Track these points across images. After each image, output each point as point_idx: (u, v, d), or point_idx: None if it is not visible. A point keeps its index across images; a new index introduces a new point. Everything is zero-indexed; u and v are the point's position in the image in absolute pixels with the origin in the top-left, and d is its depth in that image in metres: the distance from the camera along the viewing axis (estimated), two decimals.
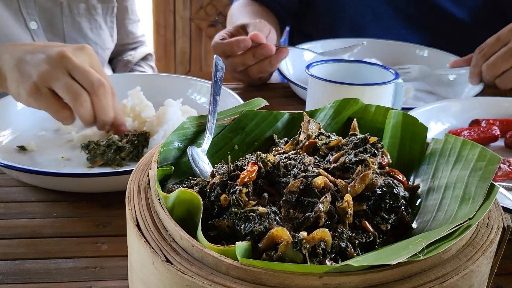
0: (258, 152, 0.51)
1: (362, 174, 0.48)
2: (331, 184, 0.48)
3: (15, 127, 0.97)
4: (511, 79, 1.10)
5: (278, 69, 1.22)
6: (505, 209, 0.65)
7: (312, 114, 0.66)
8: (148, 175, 0.52)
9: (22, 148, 0.91)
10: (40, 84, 0.81)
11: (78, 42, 1.33)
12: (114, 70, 1.50)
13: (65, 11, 1.30)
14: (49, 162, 0.88)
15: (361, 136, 0.55)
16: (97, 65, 0.85)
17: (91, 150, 0.87)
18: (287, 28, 1.68)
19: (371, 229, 0.46)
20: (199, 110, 1.01)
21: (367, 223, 0.47)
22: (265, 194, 0.48)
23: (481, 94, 1.13)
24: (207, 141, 0.59)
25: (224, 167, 0.52)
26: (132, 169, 0.73)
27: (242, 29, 1.20)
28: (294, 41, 1.61)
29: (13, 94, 0.86)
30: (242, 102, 0.94)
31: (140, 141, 0.89)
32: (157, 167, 0.52)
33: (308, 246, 0.42)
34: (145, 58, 1.55)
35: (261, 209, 0.45)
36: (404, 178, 0.53)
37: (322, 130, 0.60)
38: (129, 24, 1.50)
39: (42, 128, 0.98)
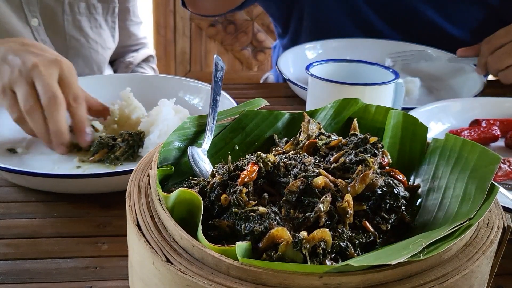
0: (259, 152, 0.51)
1: (362, 174, 0.48)
2: (331, 184, 0.48)
3: (2, 130, 0.95)
4: None
5: (278, 69, 1.22)
6: (506, 209, 0.65)
7: (312, 114, 0.65)
8: (148, 175, 0.52)
9: (12, 151, 0.90)
10: (7, 87, 0.87)
11: (78, 40, 1.34)
12: (115, 72, 1.50)
13: (66, 9, 1.30)
14: (41, 164, 0.87)
15: (362, 136, 0.55)
16: (66, 79, 0.88)
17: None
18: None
19: (371, 229, 0.46)
20: (191, 111, 1.01)
21: (367, 223, 0.47)
22: (265, 194, 0.48)
23: (481, 94, 1.13)
24: (207, 141, 0.59)
25: (224, 167, 0.52)
26: (126, 170, 0.75)
27: None
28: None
29: None
30: (235, 104, 0.94)
31: (135, 141, 0.89)
32: (158, 167, 0.52)
33: (308, 246, 0.42)
34: (146, 59, 1.55)
35: (261, 209, 0.45)
36: (404, 178, 0.53)
37: (323, 130, 0.60)
38: (130, 26, 1.50)
39: None
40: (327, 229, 0.43)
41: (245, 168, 0.50)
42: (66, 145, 0.87)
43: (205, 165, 0.57)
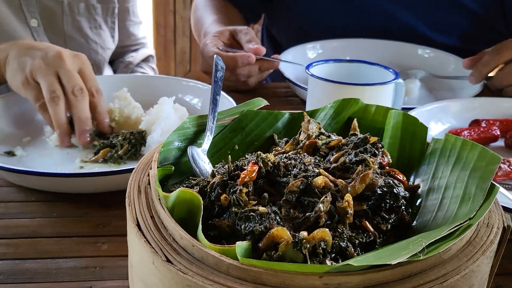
0: (259, 152, 0.51)
1: (362, 174, 0.48)
2: (331, 184, 0.48)
3: None
4: None
5: (278, 69, 1.22)
6: (505, 209, 0.65)
7: (312, 114, 0.66)
8: (148, 175, 0.52)
9: (10, 154, 0.89)
10: (30, 76, 0.90)
11: (78, 40, 1.34)
12: (115, 72, 1.50)
13: (66, 9, 1.30)
14: (42, 165, 0.87)
15: (361, 136, 0.55)
16: (87, 72, 0.94)
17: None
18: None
19: (371, 229, 0.46)
20: (191, 111, 1.01)
21: (367, 223, 0.47)
22: (266, 194, 0.48)
23: (481, 94, 1.13)
24: (207, 141, 0.59)
25: (224, 167, 0.52)
26: (126, 169, 0.75)
27: (231, 36, 1.22)
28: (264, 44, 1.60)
29: (9, 80, 0.96)
30: (235, 104, 0.94)
31: (137, 139, 0.90)
32: (158, 167, 0.52)
33: (308, 246, 0.42)
34: (146, 59, 1.55)
35: (261, 209, 0.45)
36: (404, 178, 0.53)
37: (322, 130, 0.60)
38: (130, 26, 1.50)
39: (26, 134, 0.96)
40: (327, 229, 0.43)
41: (245, 168, 0.50)
42: (88, 133, 0.91)
43: (205, 165, 0.57)
